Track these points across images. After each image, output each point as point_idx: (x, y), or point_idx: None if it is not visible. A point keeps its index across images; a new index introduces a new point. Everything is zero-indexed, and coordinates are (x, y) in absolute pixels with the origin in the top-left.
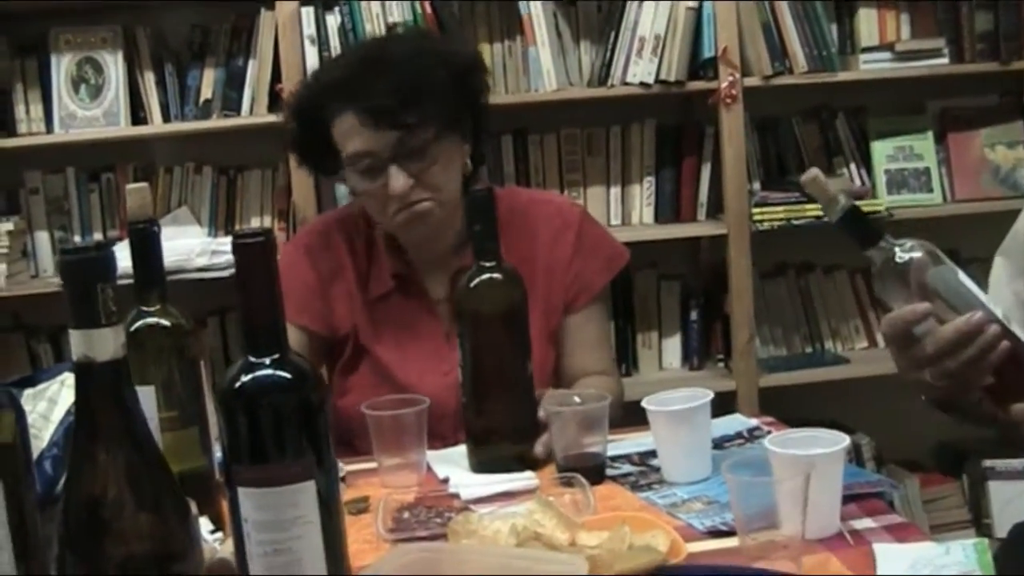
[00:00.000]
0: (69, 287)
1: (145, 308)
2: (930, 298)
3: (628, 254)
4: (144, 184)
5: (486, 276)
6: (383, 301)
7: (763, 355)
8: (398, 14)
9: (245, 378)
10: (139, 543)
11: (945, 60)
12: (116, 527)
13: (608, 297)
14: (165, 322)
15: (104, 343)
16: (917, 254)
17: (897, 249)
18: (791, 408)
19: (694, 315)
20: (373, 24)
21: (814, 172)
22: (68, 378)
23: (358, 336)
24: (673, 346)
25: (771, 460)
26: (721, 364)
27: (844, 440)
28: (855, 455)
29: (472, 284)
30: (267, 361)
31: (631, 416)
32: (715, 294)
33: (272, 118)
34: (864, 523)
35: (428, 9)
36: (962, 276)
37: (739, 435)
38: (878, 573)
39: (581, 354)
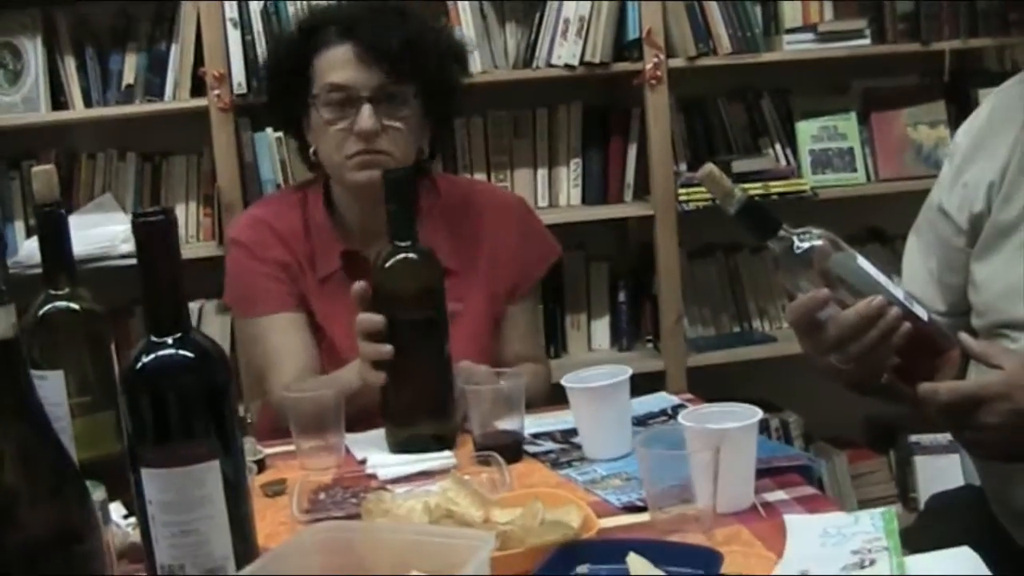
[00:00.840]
0: None
1: (54, 292)
2: (832, 285)
3: (560, 250)
4: (50, 166)
5: (401, 256)
6: (331, 281)
7: (691, 335)
8: None
9: (147, 358)
10: (36, 526)
11: (867, 41)
12: (11, 510)
13: (539, 286)
14: (75, 306)
15: None
16: (817, 243)
17: (796, 238)
18: (720, 387)
19: (622, 296)
20: (296, 8)
21: (709, 167)
22: None
23: (315, 318)
24: (602, 327)
25: (685, 434)
26: (650, 345)
27: (756, 414)
28: (783, 432)
29: (387, 264)
30: (169, 341)
31: (559, 397)
32: (643, 275)
33: (196, 102)
34: (777, 495)
35: None
36: (862, 261)
37: (663, 412)
38: (788, 544)
39: (516, 342)
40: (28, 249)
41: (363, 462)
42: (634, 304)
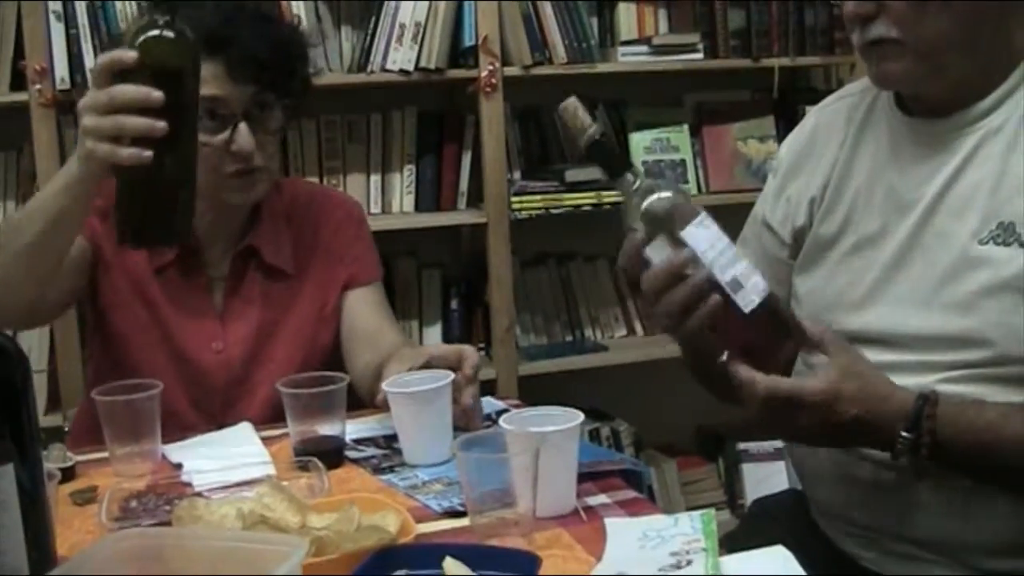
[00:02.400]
0: None
1: None
2: (672, 237)
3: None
4: None
5: (156, 33)
6: (161, 274)
7: (524, 343)
8: None
9: None
10: None
11: (700, 55)
12: None
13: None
14: None
15: None
16: (665, 193)
17: (641, 182)
18: (551, 396)
19: (455, 303)
20: (125, 5)
21: (572, 100)
22: None
23: (100, 299)
24: (434, 334)
25: (505, 438)
26: (482, 352)
27: (577, 417)
28: (614, 441)
29: (141, 39)
30: None
31: None
32: (476, 283)
33: (16, 97)
34: (599, 499)
35: None
36: (701, 223)
37: (487, 417)
38: (607, 547)
39: (390, 327)
40: None
41: (179, 467)
42: (466, 311)
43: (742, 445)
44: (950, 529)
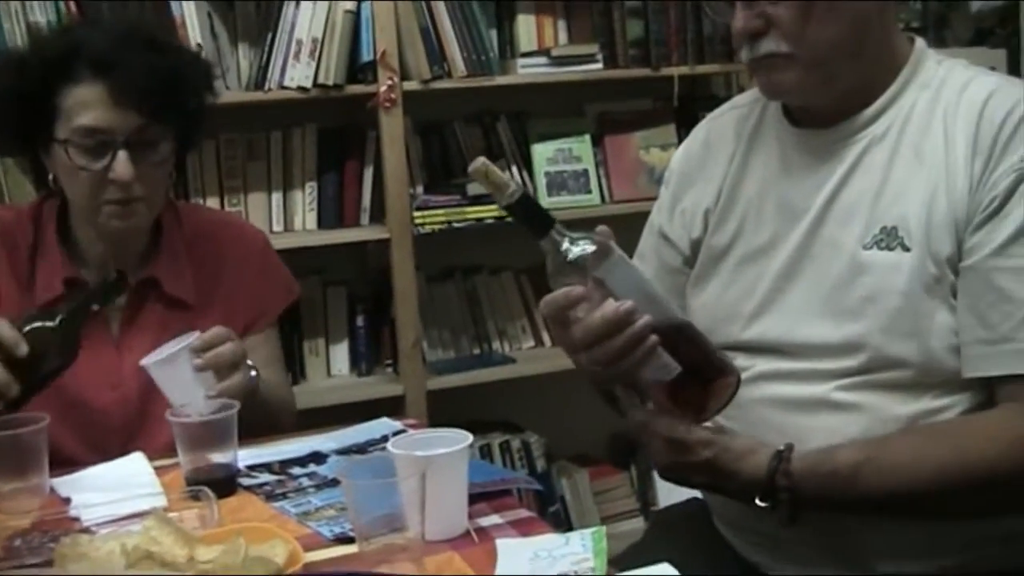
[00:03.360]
0: None
1: None
2: (601, 289)
3: (299, 289)
4: None
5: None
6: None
7: (432, 358)
8: (40, 11)
9: None
10: None
11: (600, 65)
12: None
13: (275, 320)
14: None
15: None
16: (588, 247)
17: (566, 241)
18: (461, 410)
19: (361, 320)
20: (12, 22)
21: (481, 161)
22: None
23: None
24: (341, 352)
25: (394, 461)
26: (390, 369)
27: (466, 439)
28: (525, 453)
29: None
30: None
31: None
32: (382, 299)
33: None
34: (491, 520)
35: (73, 7)
36: (631, 268)
37: (384, 438)
38: (498, 569)
39: (276, 374)
40: None
41: (68, 502)
42: (373, 328)
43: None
44: (845, 532)
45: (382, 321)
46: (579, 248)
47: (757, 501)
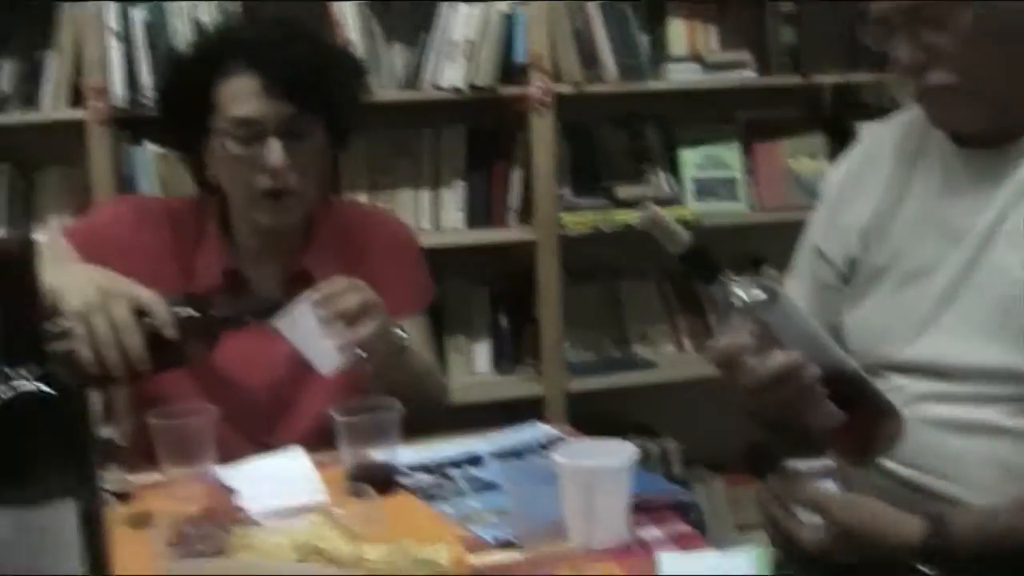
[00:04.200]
0: None
1: None
2: (768, 334)
3: (434, 292)
4: None
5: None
6: (205, 298)
7: (572, 359)
8: (206, 11)
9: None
10: None
11: (751, 72)
12: None
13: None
14: None
15: None
16: (757, 293)
17: (735, 286)
18: (600, 412)
19: (503, 320)
20: (182, 21)
21: (652, 209)
22: None
23: None
24: (483, 350)
25: (558, 471)
26: (531, 368)
27: (632, 453)
28: (663, 458)
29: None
30: (23, 372)
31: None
32: (525, 298)
33: (74, 113)
34: (651, 533)
35: (239, 5)
36: (799, 314)
37: (539, 444)
38: None
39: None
40: None
41: (233, 493)
42: (515, 327)
43: (791, 462)
44: None
45: (524, 321)
46: (747, 294)
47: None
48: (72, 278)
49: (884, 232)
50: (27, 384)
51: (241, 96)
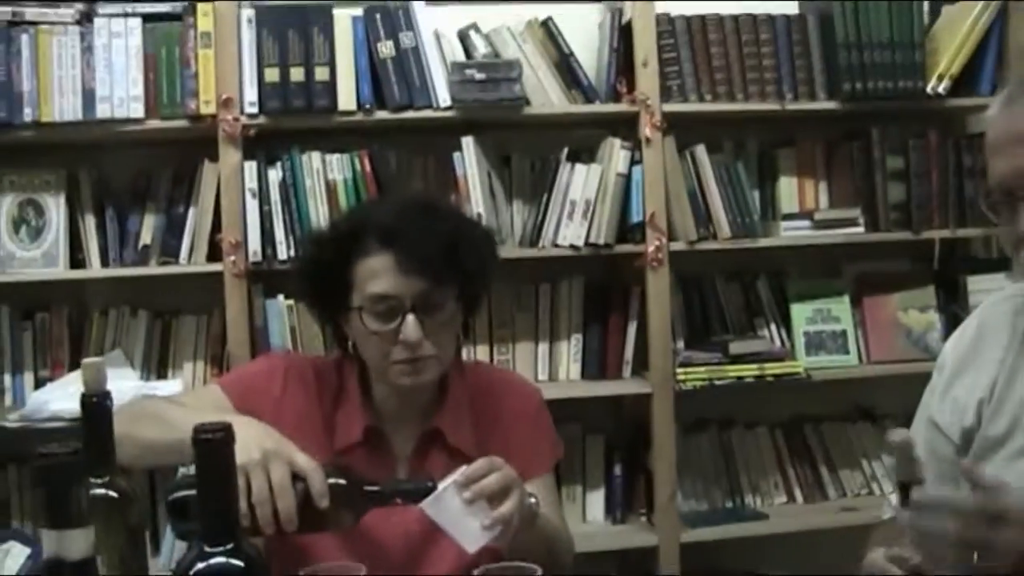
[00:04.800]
0: (46, 489)
1: (95, 479)
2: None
3: (563, 449)
4: (100, 359)
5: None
6: (347, 454)
7: (684, 508)
8: (338, 169)
9: (200, 565)
10: None
11: (861, 228)
12: None
13: (554, 473)
14: (113, 493)
15: (76, 543)
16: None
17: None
18: (711, 561)
19: (618, 469)
20: (313, 179)
21: (905, 435)
22: (13, 547)
23: None
24: (596, 499)
25: None
26: (643, 518)
27: None
28: None
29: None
30: (220, 550)
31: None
32: (638, 448)
33: (210, 267)
34: None
35: (367, 165)
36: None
37: None
38: None
39: (552, 517)
40: (36, 402)
41: None
42: (629, 477)
43: None
44: None
45: (638, 470)
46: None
47: None
48: (240, 432)
49: (1000, 405)
50: (219, 558)
51: (378, 273)
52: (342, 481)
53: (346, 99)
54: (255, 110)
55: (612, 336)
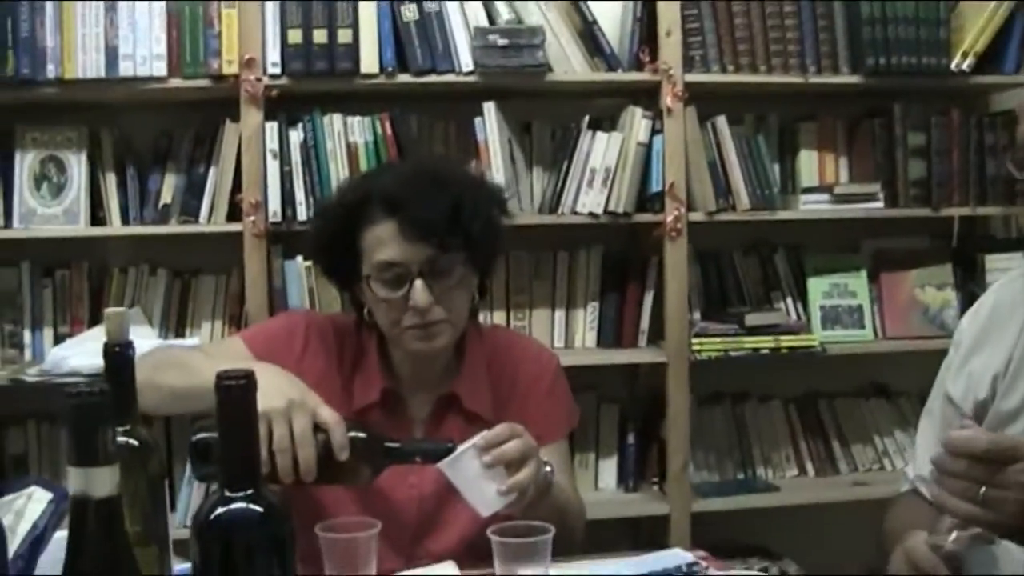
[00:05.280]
0: (73, 428)
1: (117, 428)
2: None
3: (578, 417)
4: (123, 309)
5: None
6: (364, 415)
7: (696, 479)
8: (359, 132)
9: (220, 510)
10: None
11: (880, 204)
12: None
13: (567, 441)
14: (135, 442)
15: (102, 481)
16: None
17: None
18: (722, 532)
19: (631, 438)
20: (334, 142)
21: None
22: (35, 492)
23: None
24: (609, 468)
25: None
26: (656, 487)
27: None
28: None
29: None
30: (241, 495)
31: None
32: (652, 418)
33: (230, 227)
34: None
35: (388, 128)
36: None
37: (678, 569)
38: None
39: (566, 485)
40: (55, 358)
41: None
42: (642, 446)
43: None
44: None
45: (651, 440)
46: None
47: None
48: (264, 379)
49: (1015, 378)
50: (240, 504)
51: (384, 241)
52: (363, 435)
53: (368, 62)
54: (277, 71)
55: (629, 305)
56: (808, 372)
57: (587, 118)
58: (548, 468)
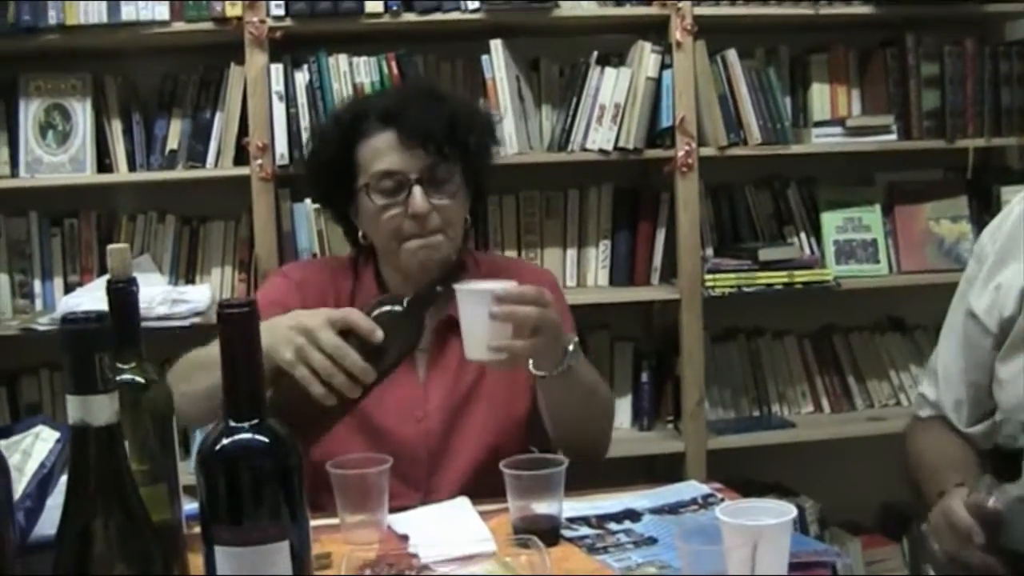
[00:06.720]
0: (70, 355)
1: (122, 365)
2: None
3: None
4: (125, 245)
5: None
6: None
7: (712, 417)
8: (365, 73)
9: (225, 441)
10: None
11: (894, 136)
12: None
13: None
14: (140, 379)
15: (100, 409)
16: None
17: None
18: (738, 469)
19: (645, 376)
20: (340, 83)
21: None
22: (43, 431)
23: None
24: (624, 406)
25: (722, 529)
26: (671, 425)
27: (791, 511)
28: (799, 518)
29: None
30: (246, 425)
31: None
32: (666, 356)
33: (237, 171)
34: None
35: (395, 68)
36: None
37: (693, 501)
38: None
39: None
40: (66, 307)
41: (405, 538)
42: (656, 384)
43: (927, 526)
44: None
45: (666, 378)
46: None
47: None
48: (271, 333)
49: None
50: (245, 434)
51: (382, 151)
52: (384, 308)
53: (373, 1)
54: (281, 12)
55: (640, 242)
56: (822, 307)
57: (595, 54)
58: (571, 347)
